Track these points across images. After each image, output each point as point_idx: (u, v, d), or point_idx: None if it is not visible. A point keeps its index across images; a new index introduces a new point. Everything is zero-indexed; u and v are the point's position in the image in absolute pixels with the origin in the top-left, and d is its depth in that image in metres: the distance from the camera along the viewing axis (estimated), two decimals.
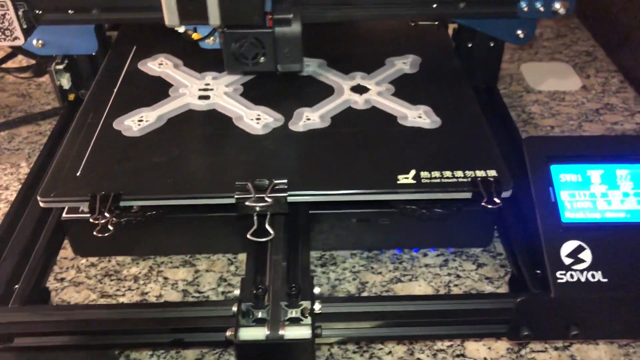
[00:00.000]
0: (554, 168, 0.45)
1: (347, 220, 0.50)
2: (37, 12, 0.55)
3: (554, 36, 0.84)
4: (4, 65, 0.70)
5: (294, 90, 0.57)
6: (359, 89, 0.58)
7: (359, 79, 0.59)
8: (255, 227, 0.45)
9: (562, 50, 0.81)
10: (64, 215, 0.49)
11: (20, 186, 0.55)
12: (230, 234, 0.51)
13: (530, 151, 0.45)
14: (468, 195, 0.46)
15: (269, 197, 0.45)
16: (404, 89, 0.57)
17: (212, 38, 0.51)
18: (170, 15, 0.47)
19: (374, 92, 0.57)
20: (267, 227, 0.45)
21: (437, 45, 0.65)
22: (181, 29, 0.50)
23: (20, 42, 0.55)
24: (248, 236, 0.45)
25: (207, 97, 0.57)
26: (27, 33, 0.55)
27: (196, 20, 0.48)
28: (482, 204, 0.45)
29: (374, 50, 0.63)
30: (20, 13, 0.54)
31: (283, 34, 0.49)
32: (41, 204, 0.46)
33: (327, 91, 0.57)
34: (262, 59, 0.50)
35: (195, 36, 0.51)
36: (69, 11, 0.55)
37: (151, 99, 0.56)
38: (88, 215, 0.45)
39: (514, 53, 0.79)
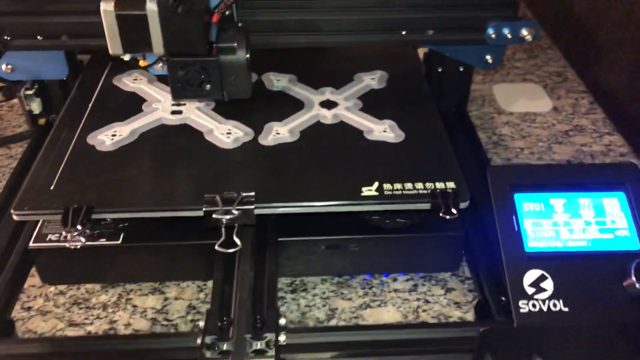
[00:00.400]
0: (518, 197, 0.46)
1: (316, 246, 0.51)
2: (5, 37, 0.54)
3: (526, 57, 0.85)
4: None
5: (264, 105, 0.58)
6: (328, 104, 0.59)
7: (328, 94, 0.60)
8: (223, 238, 0.46)
9: (534, 71, 0.82)
10: (31, 244, 0.49)
11: None
12: (198, 261, 0.51)
13: (494, 180, 0.46)
14: (427, 205, 0.47)
15: (237, 209, 0.46)
16: (371, 104, 0.59)
17: (160, 65, 0.51)
18: (113, 45, 0.48)
19: (343, 107, 0.59)
20: (235, 238, 0.46)
21: (404, 61, 0.66)
22: (127, 57, 0.50)
23: None
24: (216, 247, 0.46)
25: (179, 112, 0.57)
26: None
27: (140, 49, 0.49)
28: (440, 214, 0.46)
29: (344, 66, 0.65)
30: None
31: (228, 62, 0.50)
32: (15, 217, 0.46)
33: (297, 106, 0.59)
34: (208, 87, 0.51)
35: (142, 63, 0.51)
36: (38, 37, 0.54)
37: (125, 114, 0.57)
38: (56, 244, 0.45)
39: (486, 74, 0.80)
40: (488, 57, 0.60)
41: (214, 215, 0.45)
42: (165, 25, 0.47)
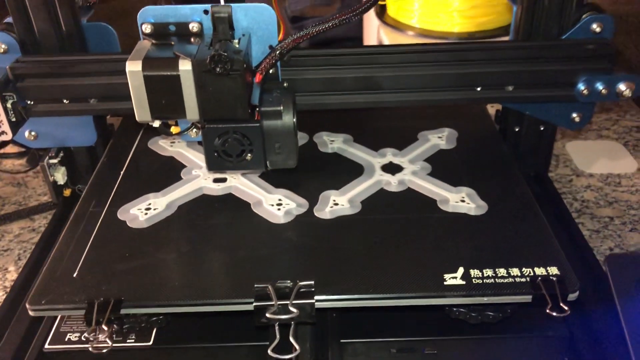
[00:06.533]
0: None
1: (384, 351, 0.42)
2: (27, 102, 0.49)
3: (598, 110, 0.77)
4: (1, 151, 0.64)
5: (318, 171, 0.52)
6: (391, 168, 0.52)
7: (390, 156, 0.53)
8: (277, 340, 0.38)
9: (610, 126, 0.74)
10: (46, 345, 0.42)
11: (4, 297, 0.47)
12: None
13: (615, 272, 0.37)
14: (527, 298, 0.39)
15: (294, 304, 0.38)
16: (442, 167, 0.52)
17: (194, 131, 0.45)
18: (140, 110, 0.41)
19: (409, 171, 0.51)
20: (292, 340, 0.38)
21: (473, 116, 0.59)
22: (156, 124, 0.44)
23: (7, 137, 0.49)
24: (269, 352, 0.38)
25: (223, 180, 0.50)
26: (16, 126, 0.49)
27: (171, 115, 0.43)
28: (547, 311, 0.38)
29: (405, 124, 0.58)
30: (8, 105, 0.48)
31: (272, 128, 0.44)
32: (31, 313, 0.39)
33: (355, 171, 0.52)
34: (249, 156, 0.44)
35: (174, 130, 0.45)
36: (64, 101, 0.49)
37: (161, 183, 0.50)
38: (77, 345, 0.37)
39: (557, 130, 0.72)
40: (575, 115, 0.53)
41: (267, 315, 0.37)
42: (200, 88, 0.41)
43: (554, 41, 0.50)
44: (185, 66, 0.40)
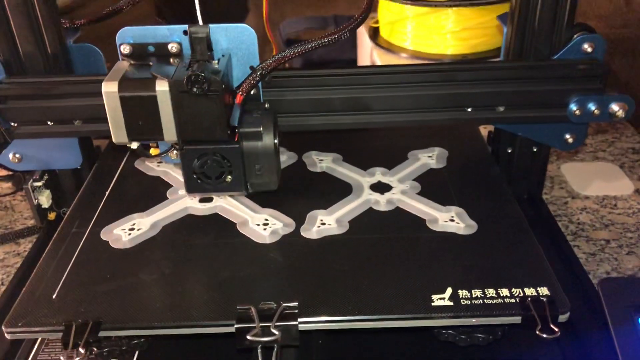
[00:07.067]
0: None
1: None
2: (11, 124, 0.48)
3: (593, 131, 0.76)
4: None
5: (306, 190, 0.51)
6: (380, 187, 0.51)
7: (379, 175, 0.53)
8: None
9: (605, 148, 0.73)
10: None
11: None
12: None
13: (609, 297, 0.36)
14: (517, 319, 0.38)
15: (277, 326, 0.37)
16: (431, 187, 0.51)
17: (174, 152, 0.45)
18: (117, 132, 0.41)
19: (398, 190, 0.51)
20: None
21: (464, 135, 0.59)
22: (134, 146, 0.43)
23: None
24: None
25: (209, 200, 0.50)
26: None
27: (148, 137, 0.42)
28: (537, 332, 0.37)
29: (395, 143, 0.57)
30: None
31: (252, 149, 0.43)
32: (7, 336, 0.38)
33: (344, 190, 0.51)
34: (228, 178, 0.43)
35: (153, 151, 0.45)
36: (48, 122, 0.48)
37: (146, 203, 0.49)
38: None
39: (552, 152, 0.71)
40: (568, 136, 0.52)
41: (248, 337, 0.36)
42: (178, 109, 0.40)
43: (545, 61, 0.50)
44: (162, 87, 0.40)
